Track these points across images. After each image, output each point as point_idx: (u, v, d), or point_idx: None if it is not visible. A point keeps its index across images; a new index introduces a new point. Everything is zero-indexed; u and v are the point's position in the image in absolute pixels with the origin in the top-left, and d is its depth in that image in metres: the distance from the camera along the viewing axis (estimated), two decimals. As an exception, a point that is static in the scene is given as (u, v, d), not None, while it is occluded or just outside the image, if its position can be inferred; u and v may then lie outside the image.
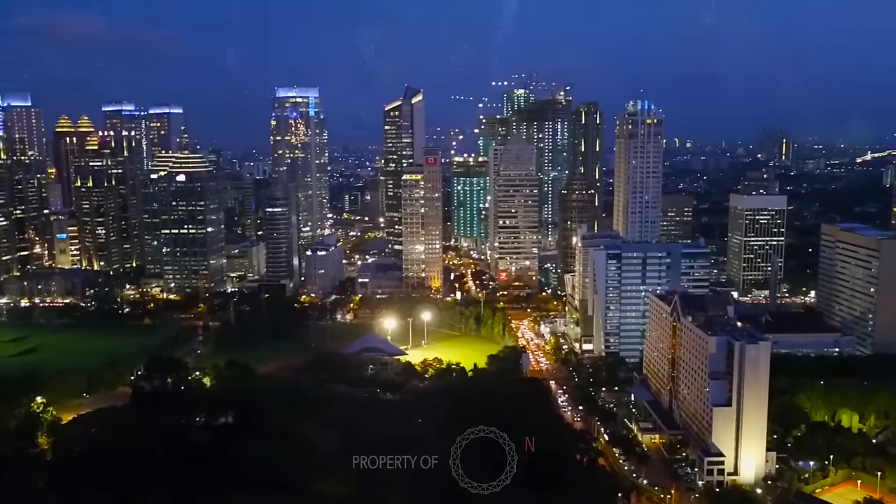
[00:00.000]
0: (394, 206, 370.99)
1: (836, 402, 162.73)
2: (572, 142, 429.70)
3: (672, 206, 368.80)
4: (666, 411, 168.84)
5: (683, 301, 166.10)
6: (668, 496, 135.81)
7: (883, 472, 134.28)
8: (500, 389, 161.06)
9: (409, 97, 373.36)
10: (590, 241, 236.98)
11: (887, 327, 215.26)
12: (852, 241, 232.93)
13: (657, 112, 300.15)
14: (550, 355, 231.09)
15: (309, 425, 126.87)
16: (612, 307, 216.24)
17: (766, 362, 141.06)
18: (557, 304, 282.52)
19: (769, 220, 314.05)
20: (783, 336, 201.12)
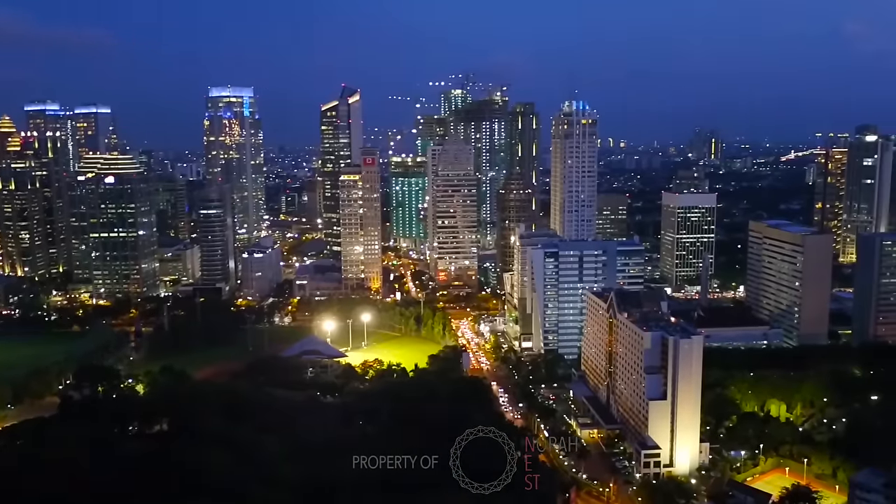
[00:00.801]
0: (332, 206, 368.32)
1: (764, 392, 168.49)
2: (509, 142, 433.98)
3: (607, 205, 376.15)
4: (604, 406, 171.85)
5: (619, 298, 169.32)
6: (606, 490, 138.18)
7: (809, 458, 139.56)
8: (440, 389, 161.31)
9: (345, 97, 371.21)
10: (528, 239, 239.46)
11: (811, 320, 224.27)
12: (778, 238, 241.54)
13: (592, 112, 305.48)
14: (490, 354, 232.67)
15: (247, 431, 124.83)
16: (550, 305, 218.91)
17: (698, 356, 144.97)
18: (497, 303, 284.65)
19: (700, 218, 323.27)
20: (714, 330, 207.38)
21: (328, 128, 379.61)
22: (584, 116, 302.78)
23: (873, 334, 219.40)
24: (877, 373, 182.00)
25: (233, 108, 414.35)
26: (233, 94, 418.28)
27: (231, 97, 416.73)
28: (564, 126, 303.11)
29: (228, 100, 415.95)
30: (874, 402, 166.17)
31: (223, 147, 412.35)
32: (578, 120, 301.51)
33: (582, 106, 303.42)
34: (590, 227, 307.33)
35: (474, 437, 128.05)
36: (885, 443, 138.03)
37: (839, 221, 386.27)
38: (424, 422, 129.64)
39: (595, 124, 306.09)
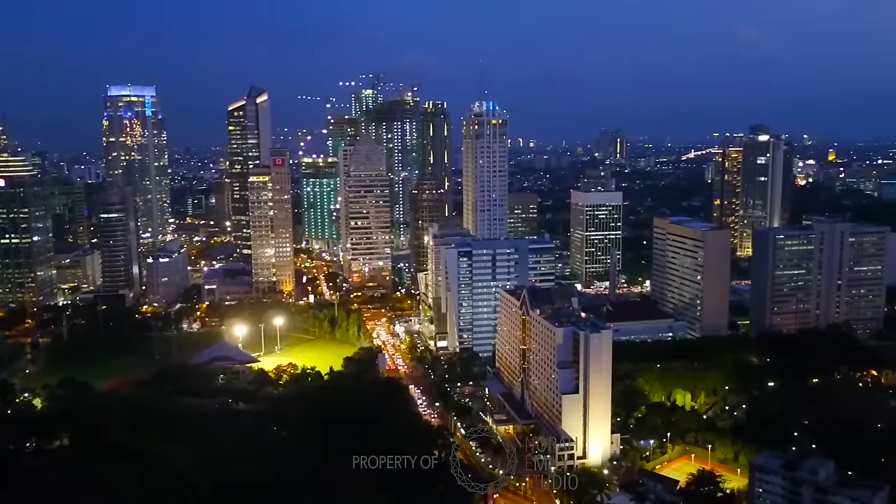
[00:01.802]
0: (241, 209, 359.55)
1: (671, 383, 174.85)
2: (421, 142, 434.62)
3: (518, 204, 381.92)
4: (519, 402, 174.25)
5: (531, 295, 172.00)
6: (523, 484, 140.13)
7: (713, 444, 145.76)
8: (356, 391, 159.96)
9: (253, 97, 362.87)
10: (441, 239, 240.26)
11: (712, 312, 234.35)
12: (680, 233, 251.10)
13: (502, 113, 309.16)
14: (406, 354, 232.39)
15: (154, 442, 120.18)
16: (464, 304, 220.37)
17: (608, 350, 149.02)
18: (411, 303, 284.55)
19: (607, 215, 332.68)
20: (623, 324, 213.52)
21: (236, 128, 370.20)
22: (495, 117, 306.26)
23: (769, 324, 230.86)
24: (773, 360, 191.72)
25: (134, 107, 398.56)
26: (134, 94, 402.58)
27: (132, 96, 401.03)
28: (475, 126, 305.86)
29: (129, 99, 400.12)
30: (771, 389, 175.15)
31: (124, 148, 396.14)
32: (489, 120, 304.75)
33: (492, 106, 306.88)
34: (502, 226, 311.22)
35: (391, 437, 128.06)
36: (782, 426, 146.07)
37: (736, 217, 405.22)
38: (340, 425, 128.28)
39: (505, 125, 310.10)
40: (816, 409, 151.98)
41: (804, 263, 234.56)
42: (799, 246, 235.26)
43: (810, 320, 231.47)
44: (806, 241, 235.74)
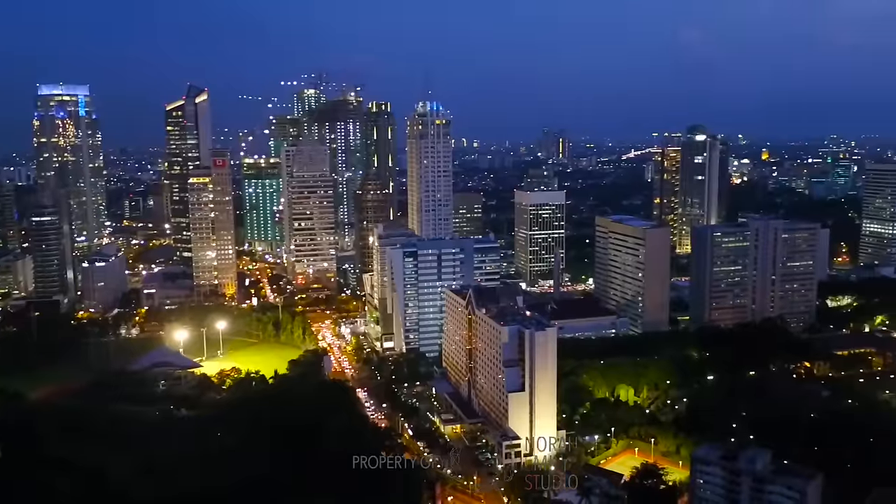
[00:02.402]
0: (180, 211, 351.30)
1: (614, 378, 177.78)
2: (365, 142, 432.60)
3: (463, 204, 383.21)
4: (466, 401, 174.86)
5: (477, 294, 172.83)
6: (471, 483, 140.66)
7: (656, 438, 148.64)
8: (302, 394, 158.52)
9: (192, 96, 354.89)
10: (386, 240, 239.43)
11: (653, 308, 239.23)
12: (622, 232, 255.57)
13: (446, 113, 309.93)
14: (352, 356, 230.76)
15: (91, 451, 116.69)
16: (410, 304, 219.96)
17: (553, 347, 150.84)
18: (357, 305, 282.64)
19: (551, 215, 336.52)
20: (567, 322, 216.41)
21: (174, 128, 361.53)
22: (439, 117, 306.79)
23: (708, 319, 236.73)
24: (712, 354, 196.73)
25: (66, 107, 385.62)
26: (66, 93, 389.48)
27: (64, 96, 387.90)
28: (419, 126, 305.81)
29: (61, 98, 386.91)
30: (710, 382, 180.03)
31: (57, 149, 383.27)
32: (433, 121, 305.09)
33: (436, 107, 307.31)
34: (447, 226, 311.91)
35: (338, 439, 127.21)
36: (721, 419, 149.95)
37: (675, 215, 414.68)
38: (286, 428, 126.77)
39: (449, 125, 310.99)
40: (754, 401, 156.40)
41: (740, 260, 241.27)
42: (735, 243, 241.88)
43: (747, 314, 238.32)
44: (741, 237, 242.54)
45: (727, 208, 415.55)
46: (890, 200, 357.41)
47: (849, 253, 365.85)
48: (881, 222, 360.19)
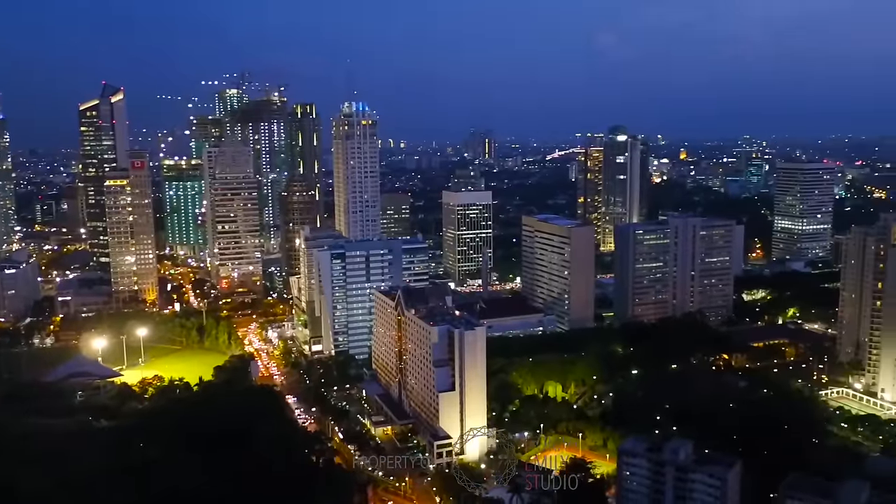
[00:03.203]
0: (97, 214, 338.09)
1: (542, 375, 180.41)
2: (290, 143, 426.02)
3: (391, 205, 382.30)
4: (396, 403, 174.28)
5: (406, 295, 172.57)
6: (403, 484, 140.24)
7: (583, 433, 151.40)
8: (228, 401, 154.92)
9: (107, 96, 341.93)
10: (313, 242, 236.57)
11: (579, 305, 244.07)
12: (548, 231, 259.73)
13: (372, 113, 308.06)
14: (280, 360, 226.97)
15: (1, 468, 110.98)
16: (339, 306, 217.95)
17: (482, 346, 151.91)
18: (284, 308, 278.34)
19: (478, 214, 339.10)
20: (496, 320, 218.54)
21: (89, 129, 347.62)
22: (365, 117, 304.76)
23: (631, 315, 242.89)
24: (636, 349, 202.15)
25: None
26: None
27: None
28: (345, 127, 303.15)
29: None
30: (635, 377, 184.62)
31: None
32: (359, 121, 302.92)
33: (362, 107, 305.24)
34: (374, 227, 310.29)
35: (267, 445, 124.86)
36: (646, 411, 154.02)
37: (599, 214, 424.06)
38: (212, 436, 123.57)
39: (375, 125, 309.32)
40: (676, 393, 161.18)
41: (661, 256, 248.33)
42: (656, 240, 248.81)
43: (668, 309, 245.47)
44: (662, 235, 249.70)
45: (648, 207, 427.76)
46: (799, 198, 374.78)
47: (762, 248, 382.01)
48: (791, 219, 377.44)
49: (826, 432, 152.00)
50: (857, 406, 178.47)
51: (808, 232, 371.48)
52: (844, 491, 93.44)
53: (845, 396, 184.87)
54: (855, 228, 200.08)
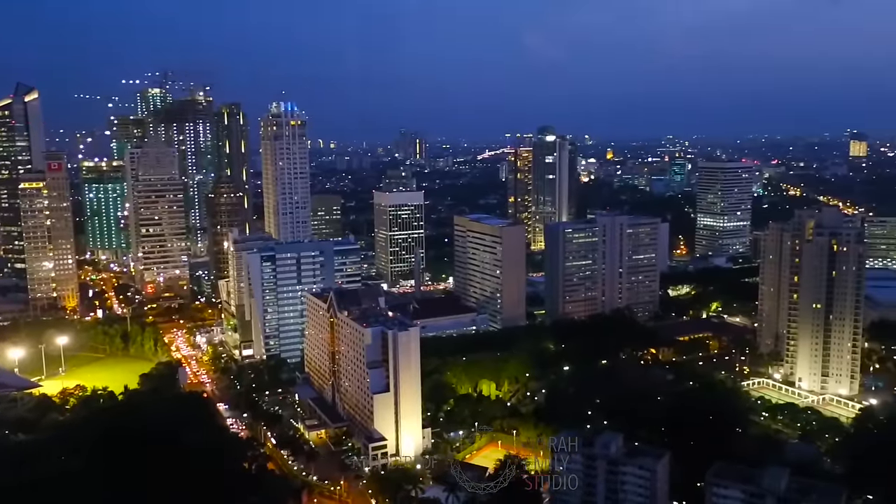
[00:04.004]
0: (11, 219, 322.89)
1: (476, 374, 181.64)
2: (216, 143, 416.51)
3: (321, 206, 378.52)
4: (330, 406, 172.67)
5: (338, 297, 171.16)
6: (337, 488, 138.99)
7: (517, 430, 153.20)
8: (155, 409, 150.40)
9: (20, 95, 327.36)
10: (242, 244, 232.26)
11: (511, 303, 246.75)
12: (479, 230, 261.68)
13: (300, 114, 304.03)
14: (209, 366, 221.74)
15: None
16: (269, 309, 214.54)
17: (416, 347, 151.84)
18: (213, 313, 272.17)
19: (410, 215, 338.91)
20: (429, 320, 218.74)
21: (1, 129, 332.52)
22: (293, 118, 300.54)
23: (562, 312, 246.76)
24: (567, 346, 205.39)
25: None
26: None
27: None
28: (273, 127, 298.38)
29: None
30: (567, 373, 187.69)
31: None
32: (287, 121, 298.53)
33: (290, 107, 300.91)
34: (305, 229, 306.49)
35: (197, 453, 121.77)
36: (577, 407, 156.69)
37: (529, 213, 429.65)
38: (139, 446, 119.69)
39: (304, 125, 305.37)
40: (606, 388, 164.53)
41: (590, 254, 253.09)
42: (585, 238, 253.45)
43: (597, 306, 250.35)
44: (591, 233, 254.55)
45: (577, 205, 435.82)
46: (720, 196, 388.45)
47: (686, 245, 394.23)
48: (713, 216, 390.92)
49: (748, 421, 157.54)
50: (777, 395, 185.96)
51: (729, 229, 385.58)
52: (766, 477, 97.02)
53: (766, 386, 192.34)
54: (772, 225, 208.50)
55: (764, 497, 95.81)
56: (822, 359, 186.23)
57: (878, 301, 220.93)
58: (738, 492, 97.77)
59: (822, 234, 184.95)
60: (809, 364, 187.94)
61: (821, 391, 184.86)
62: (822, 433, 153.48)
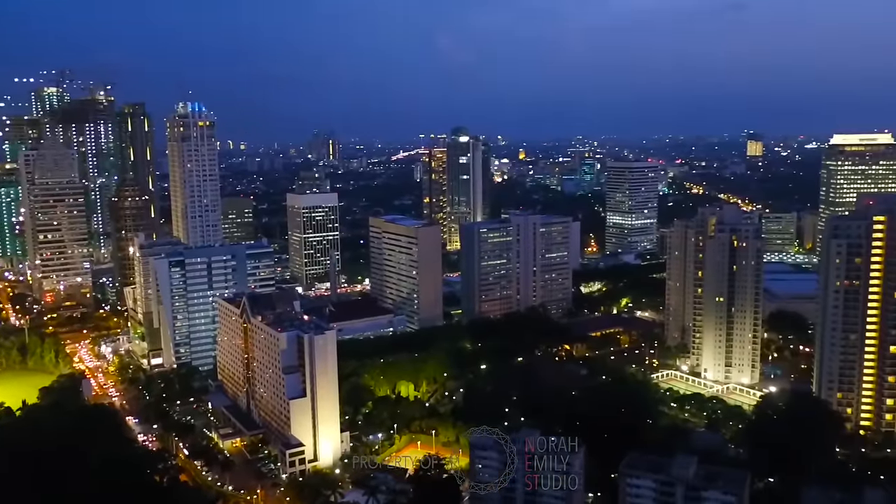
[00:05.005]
0: None
1: (394, 376, 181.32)
2: (119, 145, 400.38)
3: (232, 209, 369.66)
4: (245, 413, 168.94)
5: (251, 301, 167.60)
6: (254, 497, 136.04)
7: (436, 430, 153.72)
8: (56, 424, 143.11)
9: None
10: (149, 249, 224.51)
11: (428, 304, 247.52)
12: (395, 231, 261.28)
13: (209, 114, 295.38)
14: (116, 377, 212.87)
15: None
16: (179, 316, 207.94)
17: (333, 350, 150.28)
18: (119, 321, 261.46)
19: (324, 217, 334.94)
20: (346, 323, 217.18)
21: None
22: (201, 118, 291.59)
23: (479, 311, 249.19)
24: (484, 345, 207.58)
25: None
26: None
27: None
28: (180, 129, 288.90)
29: None
30: (484, 371, 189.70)
31: None
32: (195, 122, 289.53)
33: (198, 108, 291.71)
34: (216, 233, 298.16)
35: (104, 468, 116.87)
36: (495, 405, 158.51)
37: (444, 213, 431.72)
38: (40, 464, 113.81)
39: (213, 126, 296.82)
40: (523, 385, 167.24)
41: (505, 253, 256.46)
42: (499, 238, 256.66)
43: (513, 304, 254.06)
44: (505, 233, 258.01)
45: (491, 205, 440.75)
46: (628, 195, 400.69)
47: (596, 243, 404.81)
48: (622, 214, 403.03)
49: (658, 412, 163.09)
50: (685, 386, 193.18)
51: (637, 226, 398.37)
52: (675, 466, 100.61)
53: (674, 378, 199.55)
54: (677, 222, 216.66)
55: (673, 485, 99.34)
56: (726, 350, 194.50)
57: (776, 293, 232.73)
58: (650, 481, 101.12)
59: (724, 231, 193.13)
60: (714, 355, 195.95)
61: (725, 381, 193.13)
62: (727, 421, 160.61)
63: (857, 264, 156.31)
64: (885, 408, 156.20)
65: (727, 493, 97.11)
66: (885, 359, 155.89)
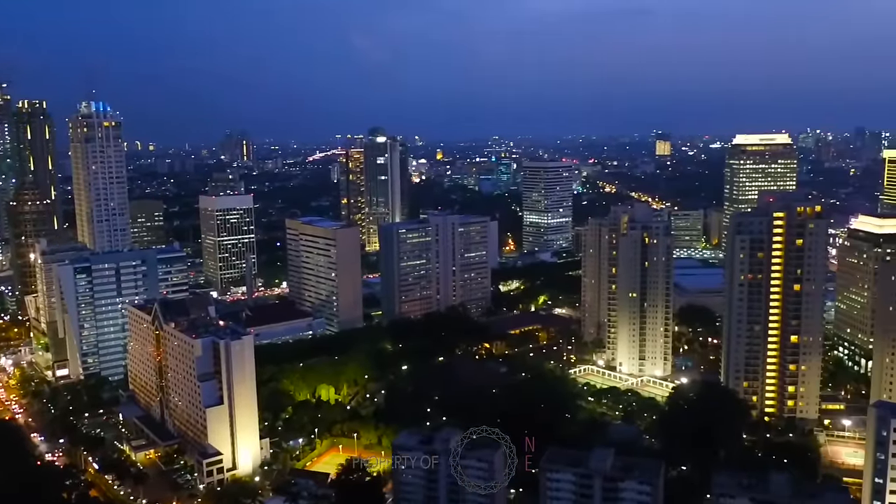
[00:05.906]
0: None
1: (314, 379, 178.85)
2: (17, 147, 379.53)
3: (141, 212, 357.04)
4: (159, 423, 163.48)
5: (164, 308, 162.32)
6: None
7: (358, 433, 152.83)
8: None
9: None
10: (52, 255, 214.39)
11: (348, 306, 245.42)
12: (312, 233, 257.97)
13: (114, 114, 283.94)
14: (17, 390, 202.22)
15: None
16: (86, 325, 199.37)
17: (250, 355, 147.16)
18: (20, 331, 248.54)
19: (239, 219, 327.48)
20: (263, 328, 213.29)
21: None
22: (107, 118, 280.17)
23: (399, 312, 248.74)
24: (405, 345, 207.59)
25: None
26: None
27: None
28: (84, 129, 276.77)
29: None
30: (405, 372, 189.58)
31: None
32: (100, 122, 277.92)
33: (103, 107, 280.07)
34: (124, 237, 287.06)
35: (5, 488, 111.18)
36: (417, 405, 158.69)
37: (363, 214, 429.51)
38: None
39: (119, 127, 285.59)
40: (444, 384, 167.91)
41: (424, 254, 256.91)
42: (418, 238, 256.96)
43: (433, 304, 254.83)
44: (424, 233, 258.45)
45: (409, 206, 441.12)
46: (543, 194, 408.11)
47: (514, 241, 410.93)
48: (538, 213, 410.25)
49: (577, 407, 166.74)
50: (601, 380, 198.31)
51: (553, 225, 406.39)
52: (593, 459, 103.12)
53: (591, 372, 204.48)
54: (591, 220, 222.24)
55: (591, 477, 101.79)
56: (639, 343, 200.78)
57: (685, 288, 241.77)
58: (569, 475, 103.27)
59: (635, 228, 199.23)
60: (628, 349, 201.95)
61: (639, 374, 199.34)
62: (642, 413, 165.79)
63: (759, 259, 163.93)
64: (787, 394, 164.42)
65: (643, 482, 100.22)
66: (787, 348, 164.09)
